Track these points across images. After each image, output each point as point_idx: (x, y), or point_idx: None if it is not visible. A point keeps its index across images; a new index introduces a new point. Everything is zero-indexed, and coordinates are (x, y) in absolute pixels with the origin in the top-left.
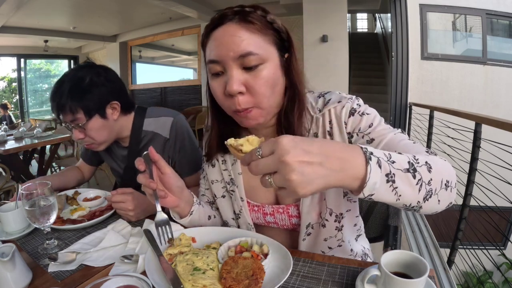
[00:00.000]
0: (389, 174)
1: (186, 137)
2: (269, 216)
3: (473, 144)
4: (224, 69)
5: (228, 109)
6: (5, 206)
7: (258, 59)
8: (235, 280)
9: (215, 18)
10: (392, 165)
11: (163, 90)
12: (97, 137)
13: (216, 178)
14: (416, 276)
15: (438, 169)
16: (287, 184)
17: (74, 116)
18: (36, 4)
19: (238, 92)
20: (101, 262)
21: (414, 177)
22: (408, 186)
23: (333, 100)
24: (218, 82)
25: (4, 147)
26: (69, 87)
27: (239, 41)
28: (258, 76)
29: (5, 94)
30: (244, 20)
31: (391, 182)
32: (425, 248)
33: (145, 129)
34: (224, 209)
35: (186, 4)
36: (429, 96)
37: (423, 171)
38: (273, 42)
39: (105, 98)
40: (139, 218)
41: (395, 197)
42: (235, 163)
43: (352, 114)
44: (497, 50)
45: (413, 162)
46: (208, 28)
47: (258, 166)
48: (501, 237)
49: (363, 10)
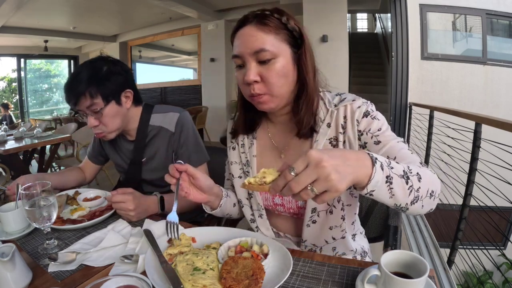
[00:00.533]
0: (388, 176)
1: (190, 132)
2: (278, 197)
3: (473, 144)
4: (244, 62)
5: (246, 94)
6: (5, 206)
7: (271, 54)
8: (235, 280)
9: (240, 21)
10: (391, 170)
11: (163, 90)
12: (111, 124)
13: (235, 160)
14: (416, 276)
15: (426, 180)
16: (329, 185)
17: (93, 101)
18: (36, 4)
19: (253, 81)
20: (101, 262)
21: (407, 183)
22: (401, 190)
23: (349, 98)
24: (239, 73)
25: (4, 147)
26: (88, 75)
27: (254, 40)
28: (270, 68)
29: (5, 94)
30: (260, 22)
31: (389, 183)
32: (425, 248)
33: (152, 123)
34: (240, 189)
35: (186, 4)
36: (429, 96)
37: (414, 179)
38: (285, 40)
39: (120, 86)
40: (139, 218)
41: (389, 195)
42: (252, 146)
43: (366, 115)
44: (497, 50)
45: (407, 171)
46: (234, 29)
47: (300, 180)
48: (501, 237)
49: (363, 10)
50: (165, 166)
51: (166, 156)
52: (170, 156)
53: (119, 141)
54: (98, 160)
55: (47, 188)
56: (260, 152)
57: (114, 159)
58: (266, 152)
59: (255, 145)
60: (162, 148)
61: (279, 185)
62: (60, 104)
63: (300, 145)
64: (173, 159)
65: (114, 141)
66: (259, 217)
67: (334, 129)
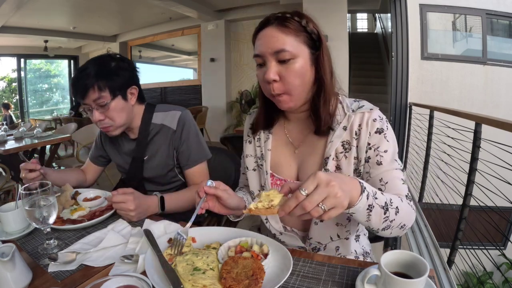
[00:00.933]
0: (371, 205)
1: (192, 130)
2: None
3: (473, 144)
4: (264, 61)
5: (267, 92)
6: (5, 206)
7: (290, 54)
8: (235, 280)
9: (261, 22)
10: (375, 200)
11: (163, 90)
12: (117, 118)
13: (250, 153)
14: (416, 276)
15: (402, 215)
16: (337, 201)
17: (100, 94)
18: (36, 4)
19: (273, 80)
20: (101, 262)
21: (384, 213)
22: (378, 218)
23: (367, 106)
24: (260, 71)
25: (4, 147)
26: (96, 69)
27: (275, 40)
28: (289, 68)
29: (5, 94)
30: (281, 24)
31: (369, 211)
32: (425, 248)
33: (154, 122)
34: (253, 180)
35: (186, 4)
36: (429, 96)
37: (392, 212)
38: (304, 42)
39: (127, 82)
40: (140, 218)
41: (366, 220)
42: (267, 141)
43: (379, 132)
44: (497, 50)
45: (388, 203)
46: (256, 29)
47: (313, 199)
48: (501, 237)
49: (363, 10)
50: (166, 164)
51: (167, 153)
52: (171, 153)
53: (120, 141)
54: (100, 161)
55: (47, 188)
56: (275, 146)
57: (115, 160)
58: (281, 147)
59: (270, 139)
60: (164, 146)
61: (290, 206)
62: (60, 104)
63: (314, 142)
64: (174, 157)
65: (115, 141)
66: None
67: (349, 133)
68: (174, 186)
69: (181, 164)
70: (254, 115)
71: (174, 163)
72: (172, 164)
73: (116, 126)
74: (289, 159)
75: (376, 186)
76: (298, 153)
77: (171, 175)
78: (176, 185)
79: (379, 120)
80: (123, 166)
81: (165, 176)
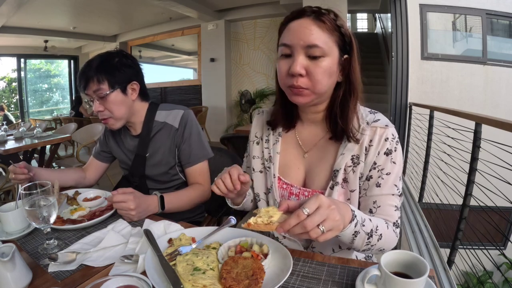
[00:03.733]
0: (357, 231)
1: (194, 128)
2: (294, 196)
3: (473, 144)
4: (292, 53)
5: (285, 84)
6: (5, 206)
7: (321, 51)
8: (235, 280)
9: (295, 12)
10: (362, 227)
11: (163, 90)
12: (115, 111)
13: (257, 155)
14: (416, 276)
15: (384, 242)
16: (334, 224)
17: (99, 86)
18: (36, 4)
19: (299, 74)
20: (101, 262)
21: (368, 239)
22: (361, 242)
23: (382, 121)
24: (284, 62)
25: (4, 147)
26: (99, 62)
27: (309, 33)
28: (318, 65)
29: (5, 94)
30: (318, 18)
31: (354, 236)
32: (425, 248)
33: (157, 119)
34: (259, 183)
35: (186, 4)
36: (429, 96)
37: (375, 239)
38: (336, 43)
39: (128, 77)
40: (140, 217)
41: (349, 242)
42: (276, 143)
43: (387, 154)
44: (497, 50)
45: (374, 231)
46: (287, 19)
47: (314, 219)
48: (501, 237)
49: (363, 10)
50: (167, 162)
51: (169, 151)
52: (173, 151)
53: (123, 137)
54: (102, 157)
55: (47, 188)
56: (284, 149)
57: (118, 156)
58: (290, 150)
59: (280, 142)
60: (166, 144)
61: (290, 224)
62: (60, 104)
63: (325, 149)
64: (175, 154)
65: (118, 138)
66: None
67: (359, 148)
68: (175, 184)
69: (182, 162)
70: (265, 114)
71: (176, 161)
72: (173, 162)
73: (115, 119)
74: (298, 163)
75: (369, 205)
76: (307, 158)
77: (172, 173)
78: (177, 184)
79: (390, 140)
80: (125, 163)
81: (166, 174)
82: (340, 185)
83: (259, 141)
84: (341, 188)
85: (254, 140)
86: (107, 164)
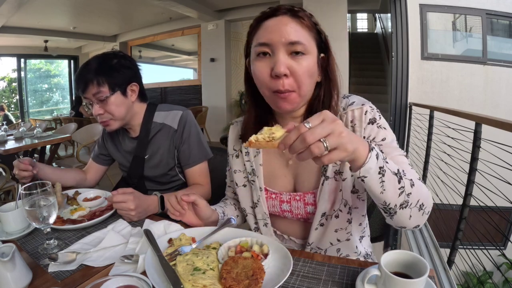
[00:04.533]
0: (382, 168)
1: (193, 129)
2: (286, 203)
3: (473, 144)
4: (272, 52)
5: (269, 89)
6: (5, 206)
7: (303, 48)
8: (235, 280)
9: (268, 11)
10: (386, 164)
11: (163, 90)
12: (116, 112)
13: (239, 168)
14: (416, 276)
15: (418, 190)
16: (340, 141)
17: (99, 89)
18: (36, 4)
19: (283, 74)
20: (101, 262)
21: (399, 182)
22: (392, 187)
23: (357, 102)
24: (264, 63)
25: (4, 147)
26: (97, 65)
27: (291, 30)
28: (301, 63)
29: (5, 94)
30: (296, 15)
31: (381, 175)
32: (425, 248)
33: (155, 120)
34: (244, 197)
35: (186, 4)
36: (429, 96)
37: (407, 183)
38: (315, 40)
39: (128, 79)
40: (140, 217)
41: (380, 190)
42: (257, 155)
43: (372, 123)
44: (497, 50)
45: (401, 173)
46: (260, 18)
47: (315, 132)
48: (501, 237)
49: (363, 10)
50: (167, 163)
51: (168, 152)
52: (172, 152)
53: (121, 139)
54: (101, 160)
55: (47, 188)
56: (266, 160)
57: (116, 158)
58: (273, 160)
59: (261, 153)
60: (165, 145)
61: (291, 138)
62: (60, 104)
63: None
64: (175, 156)
65: (116, 140)
66: (264, 226)
67: None
68: (174, 185)
69: (182, 163)
70: (240, 124)
71: (175, 162)
72: (172, 163)
73: (115, 120)
74: (284, 171)
75: None
76: (292, 164)
77: (171, 174)
78: (177, 185)
79: (370, 111)
80: (124, 165)
81: (166, 175)
82: (333, 178)
83: (239, 153)
84: (334, 181)
85: (233, 154)
86: (106, 167)
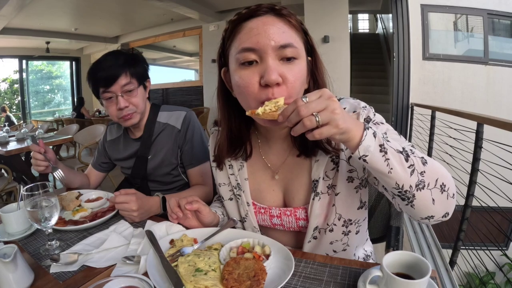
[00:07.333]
0: (382, 145)
1: (196, 130)
2: (276, 218)
3: (475, 145)
4: (261, 58)
5: (257, 100)
6: (7, 207)
7: (295, 52)
8: (237, 281)
9: (247, 11)
10: (386, 142)
11: (165, 91)
12: (140, 105)
13: (223, 182)
14: (418, 277)
15: (434, 168)
16: (332, 117)
17: (130, 80)
18: (38, 6)
19: (276, 83)
20: (103, 263)
21: (406, 160)
22: (400, 165)
23: (348, 109)
24: (251, 71)
25: (6, 148)
26: (125, 57)
27: (280, 31)
28: (292, 69)
29: (7, 95)
30: (280, 14)
31: (384, 153)
32: (427, 249)
33: (159, 120)
34: (231, 211)
35: (187, 5)
36: (430, 96)
37: (417, 161)
38: (303, 42)
39: (145, 74)
40: (142, 218)
41: (387, 169)
42: (241, 169)
43: (368, 122)
44: (499, 50)
45: (408, 151)
46: (238, 20)
47: (310, 106)
48: (503, 238)
49: (364, 10)
50: (170, 163)
51: (171, 152)
52: (175, 152)
53: (123, 143)
54: (101, 168)
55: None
56: (251, 173)
57: (119, 163)
58: (258, 174)
59: (245, 167)
60: (168, 145)
61: (288, 110)
62: (62, 105)
63: (297, 163)
64: (178, 155)
65: (118, 145)
66: None
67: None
68: (177, 185)
69: (185, 163)
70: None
71: (178, 162)
72: (175, 163)
73: (138, 113)
74: (271, 185)
75: None
76: (279, 178)
77: (174, 174)
78: (179, 185)
79: (362, 111)
80: (127, 167)
81: (169, 174)
82: (326, 193)
83: (222, 166)
84: (327, 195)
85: (215, 166)
86: (106, 173)
